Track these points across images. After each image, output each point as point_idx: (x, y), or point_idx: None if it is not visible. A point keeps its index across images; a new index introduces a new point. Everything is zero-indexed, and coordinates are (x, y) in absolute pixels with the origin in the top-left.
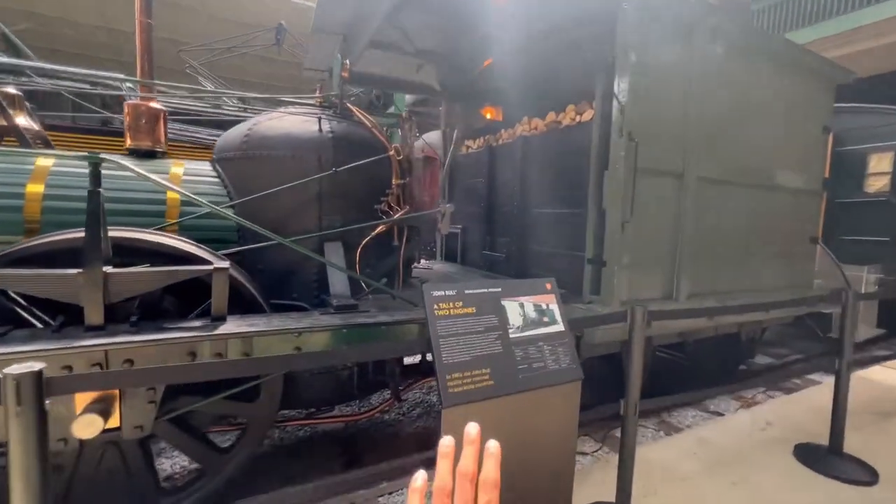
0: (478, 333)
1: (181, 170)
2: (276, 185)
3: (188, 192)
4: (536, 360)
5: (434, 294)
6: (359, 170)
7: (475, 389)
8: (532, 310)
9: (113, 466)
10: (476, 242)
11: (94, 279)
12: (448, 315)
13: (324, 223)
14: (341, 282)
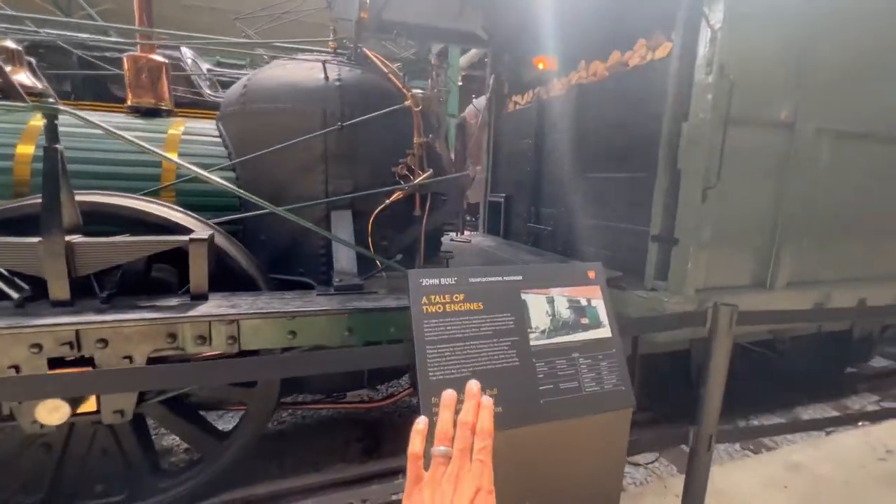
0: (484, 339)
1: (180, 129)
2: (276, 143)
3: (161, 152)
4: (568, 378)
5: (423, 282)
6: (373, 125)
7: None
8: (566, 307)
9: (107, 447)
10: (521, 213)
11: (54, 249)
12: (442, 312)
13: (331, 188)
14: (347, 257)
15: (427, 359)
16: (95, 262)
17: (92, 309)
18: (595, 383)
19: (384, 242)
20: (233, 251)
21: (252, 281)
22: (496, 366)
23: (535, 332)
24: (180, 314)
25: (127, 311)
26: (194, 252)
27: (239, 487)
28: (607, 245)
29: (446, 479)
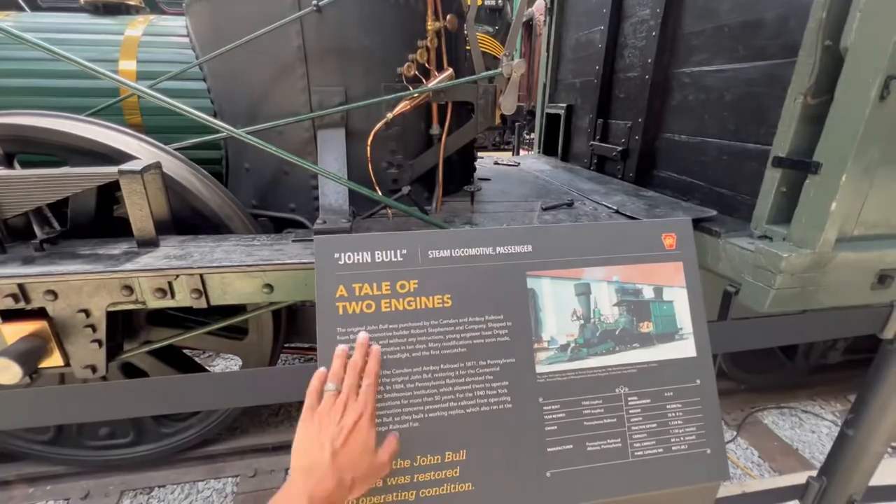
0: (450, 362)
1: (140, 30)
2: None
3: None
4: (603, 432)
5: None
6: (367, 6)
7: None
8: (612, 301)
9: None
10: (585, 128)
11: None
12: (373, 314)
13: (314, 99)
14: (335, 191)
15: None
16: (20, 202)
17: (20, 258)
18: (655, 442)
19: (391, 170)
20: (194, 183)
21: (221, 220)
22: (468, 409)
23: (549, 350)
24: (116, 266)
25: (63, 262)
26: (129, 188)
27: (241, 435)
28: (699, 172)
29: (335, 408)
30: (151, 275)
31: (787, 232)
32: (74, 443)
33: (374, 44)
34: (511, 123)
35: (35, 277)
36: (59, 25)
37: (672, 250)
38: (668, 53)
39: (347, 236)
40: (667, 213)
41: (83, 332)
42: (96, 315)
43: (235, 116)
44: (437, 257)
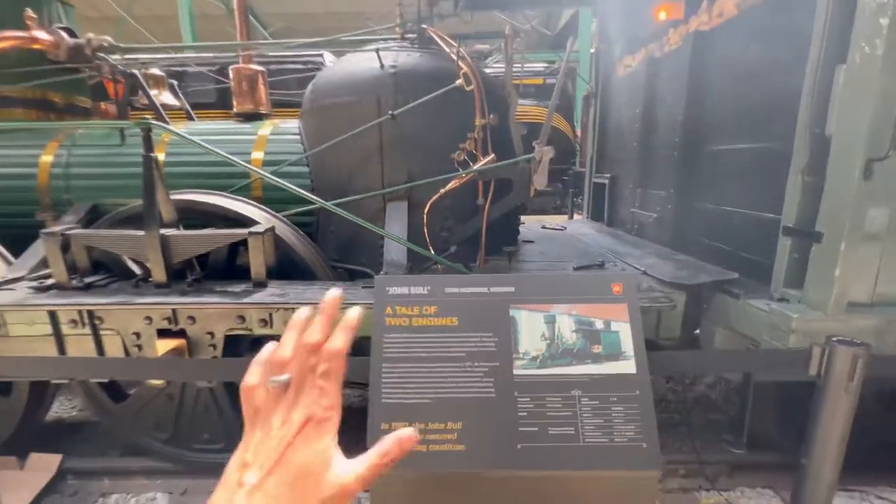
0: (454, 362)
1: (269, 130)
2: (338, 137)
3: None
4: (561, 421)
5: (389, 290)
6: (428, 111)
7: (427, 454)
8: (571, 329)
9: (208, 405)
10: (626, 196)
11: (152, 241)
12: (408, 326)
13: (386, 179)
14: (397, 249)
15: (381, 378)
16: (183, 252)
17: (178, 291)
18: (601, 433)
19: (444, 233)
20: (294, 242)
21: (310, 270)
22: (465, 395)
23: (523, 359)
24: (238, 300)
25: (203, 295)
26: (252, 244)
27: None
28: (725, 237)
29: (279, 410)
30: (259, 307)
31: (801, 294)
32: (183, 444)
33: (432, 138)
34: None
35: (183, 305)
36: (216, 129)
37: (619, 295)
38: (694, 134)
39: (394, 276)
40: (691, 276)
41: (207, 350)
42: (218, 337)
43: (327, 191)
44: (450, 292)
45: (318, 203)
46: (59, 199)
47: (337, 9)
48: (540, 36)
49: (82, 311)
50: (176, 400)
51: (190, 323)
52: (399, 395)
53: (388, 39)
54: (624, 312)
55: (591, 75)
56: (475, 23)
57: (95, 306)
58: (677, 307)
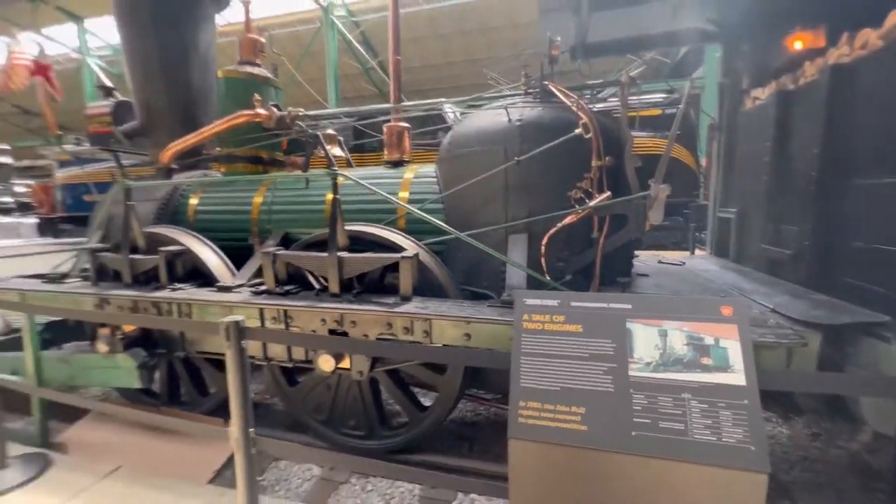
0: (578, 360)
1: (412, 174)
2: (469, 181)
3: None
4: (671, 417)
5: (527, 302)
6: (549, 156)
7: (554, 429)
8: (682, 342)
9: (356, 396)
10: (755, 231)
11: (332, 261)
12: (541, 330)
13: (510, 214)
14: (518, 275)
15: (520, 368)
16: (352, 270)
17: (346, 300)
18: (709, 432)
19: (560, 263)
20: (432, 265)
21: (443, 290)
22: (587, 387)
23: (638, 364)
24: (390, 310)
25: (363, 304)
26: (403, 266)
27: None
28: (875, 277)
29: None
30: (404, 317)
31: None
32: (334, 427)
33: (552, 178)
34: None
35: (350, 311)
36: (373, 174)
37: (729, 317)
38: (834, 168)
39: (529, 291)
40: (829, 315)
41: None
42: (371, 339)
43: (457, 225)
44: (575, 305)
45: (452, 234)
46: (263, 228)
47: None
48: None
49: (280, 311)
50: (333, 389)
51: (352, 326)
52: (533, 381)
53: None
54: (734, 332)
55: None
56: (593, 63)
57: (290, 307)
58: (810, 346)
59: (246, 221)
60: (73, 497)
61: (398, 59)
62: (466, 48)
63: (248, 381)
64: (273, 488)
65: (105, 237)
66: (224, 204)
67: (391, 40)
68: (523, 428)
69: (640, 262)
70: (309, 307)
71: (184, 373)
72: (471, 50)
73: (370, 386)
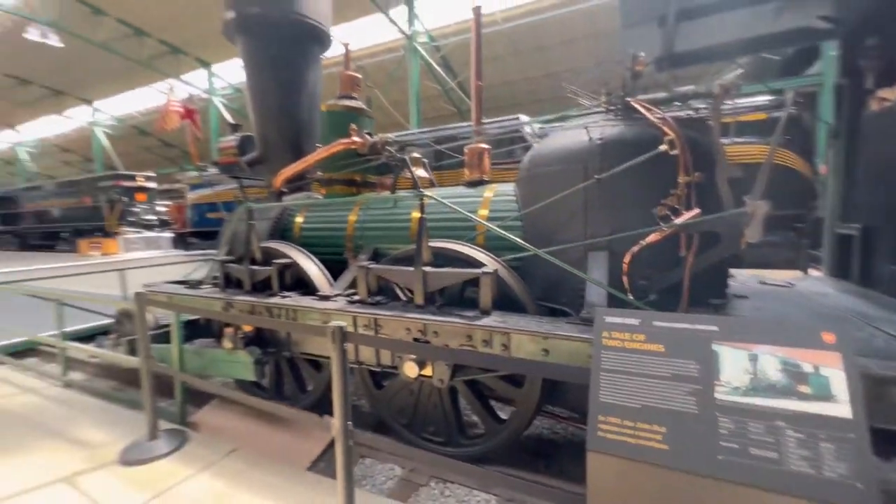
0: (659, 379)
1: (492, 193)
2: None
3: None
4: (763, 445)
5: (607, 320)
6: (634, 172)
7: (634, 445)
8: (777, 368)
9: (436, 403)
10: (885, 250)
11: (418, 275)
12: (621, 347)
13: (589, 232)
14: (598, 293)
15: (600, 383)
16: (436, 284)
17: (430, 311)
18: (807, 463)
19: (643, 282)
20: (511, 281)
21: (522, 305)
22: (669, 406)
23: (725, 387)
24: (470, 322)
25: (445, 316)
26: (483, 281)
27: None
28: None
29: None
30: (483, 329)
31: None
32: (415, 431)
33: (634, 195)
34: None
35: (433, 321)
36: (454, 193)
37: (831, 344)
38: None
39: (610, 309)
40: None
41: None
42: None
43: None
44: (657, 325)
45: (531, 251)
46: (356, 244)
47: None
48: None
49: (371, 319)
50: (415, 395)
51: (434, 336)
52: (612, 397)
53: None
54: (836, 360)
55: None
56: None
57: (380, 316)
58: None
59: (342, 237)
60: (202, 470)
61: (480, 85)
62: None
63: (348, 379)
64: (360, 482)
65: (230, 250)
66: (324, 222)
67: (473, 66)
68: (602, 441)
69: (738, 283)
70: (396, 317)
71: (288, 371)
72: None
73: (450, 394)
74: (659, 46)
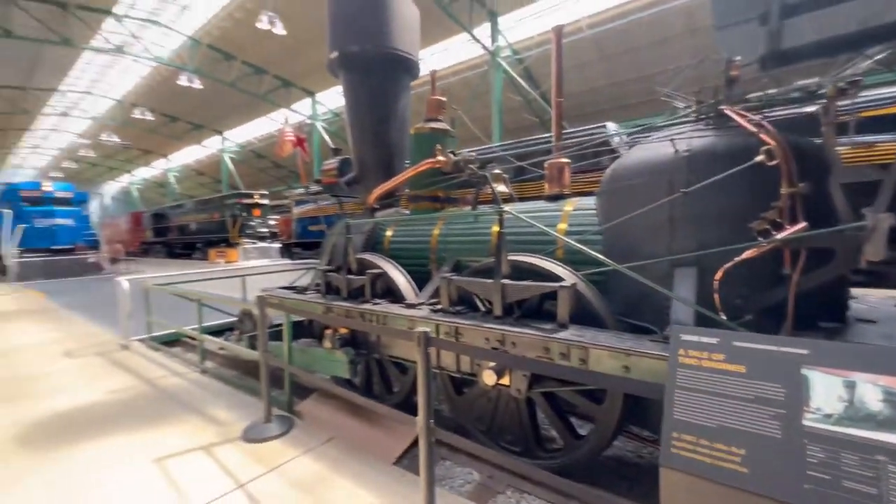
0: (739, 400)
1: (572, 207)
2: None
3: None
4: (859, 478)
5: (683, 337)
6: (727, 184)
7: (710, 465)
8: (878, 398)
9: (513, 412)
10: None
11: (497, 287)
12: (697, 366)
13: (674, 247)
14: (685, 311)
15: (674, 400)
16: (513, 296)
17: (508, 323)
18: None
19: (738, 301)
20: (590, 296)
21: (601, 320)
22: (749, 429)
23: (815, 414)
24: (548, 335)
25: (523, 328)
26: (560, 295)
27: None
28: None
29: None
30: (561, 342)
31: None
32: (493, 438)
33: (727, 209)
34: None
35: (512, 332)
36: (534, 208)
37: None
38: None
39: (687, 327)
40: None
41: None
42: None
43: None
44: (738, 345)
45: (611, 266)
46: (439, 256)
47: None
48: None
49: (452, 327)
50: (493, 402)
51: (512, 346)
52: (688, 415)
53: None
54: None
55: None
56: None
57: (460, 325)
58: None
59: (426, 250)
60: (305, 453)
61: (560, 101)
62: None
63: (432, 380)
64: (439, 482)
65: (330, 261)
66: (410, 236)
67: (554, 86)
68: (676, 458)
69: (864, 305)
70: (475, 326)
71: (377, 371)
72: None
73: (527, 405)
74: (763, 44)
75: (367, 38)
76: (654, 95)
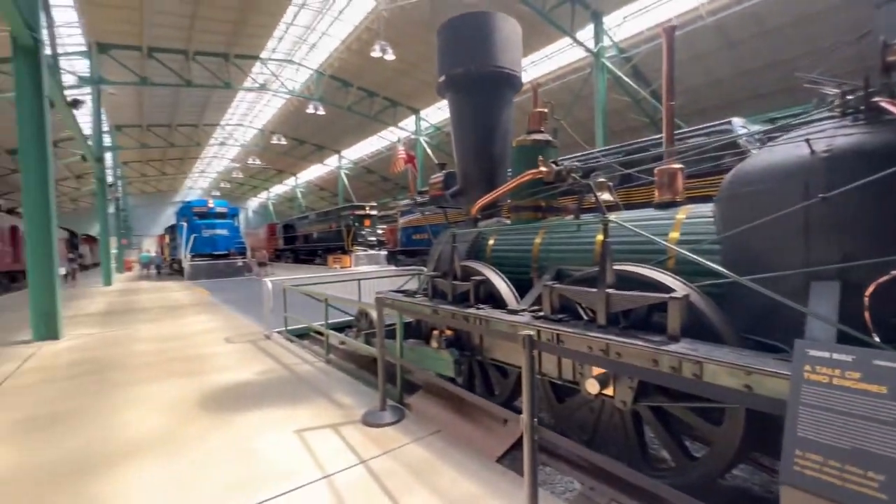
0: (879, 423)
1: (685, 215)
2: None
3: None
4: None
5: (810, 353)
6: (881, 188)
7: (841, 488)
8: None
9: (617, 425)
10: None
11: (601, 297)
12: (827, 384)
13: (812, 258)
14: (825, 329)
15: (798, 417)
16: (618, 306)
17: (614, 333)
18: None
19: (894, 320)
20: (706, 309)
21: (718, 335)
22: (889, 454)
23: None
24: (657, 347)
25: (629, 338)
26: (671, 306)
27: None
28: None
29: None
30: (672, 355)
31: None
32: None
33: (881, 215)
34: None
35: (616, 342)
36: (643, 216)
37: None
38: None
39: (815, 342)
40: None
41: (625, 379)
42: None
43: (738, 268)
44: (880, 364)
45: (731, 277)
46: (541, 265)
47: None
48: None
49: (554, 334)
50: (596, 413)
51: (616, 357)
52: (813, 433)
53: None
54: None
55: None
56: None
57: (562, 332)
58: None
59: (528, 258)
60: (415, 441)
61: (672, 105)
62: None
63: (536, 380)
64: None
65: (437, 267)
66: (512, 244)
67: (665, 86)
68: (799, 476)
69: None
70: (578, 334)
71: (478, 373)
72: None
73: (633, 418)
74: None
75: (471, 60)
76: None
